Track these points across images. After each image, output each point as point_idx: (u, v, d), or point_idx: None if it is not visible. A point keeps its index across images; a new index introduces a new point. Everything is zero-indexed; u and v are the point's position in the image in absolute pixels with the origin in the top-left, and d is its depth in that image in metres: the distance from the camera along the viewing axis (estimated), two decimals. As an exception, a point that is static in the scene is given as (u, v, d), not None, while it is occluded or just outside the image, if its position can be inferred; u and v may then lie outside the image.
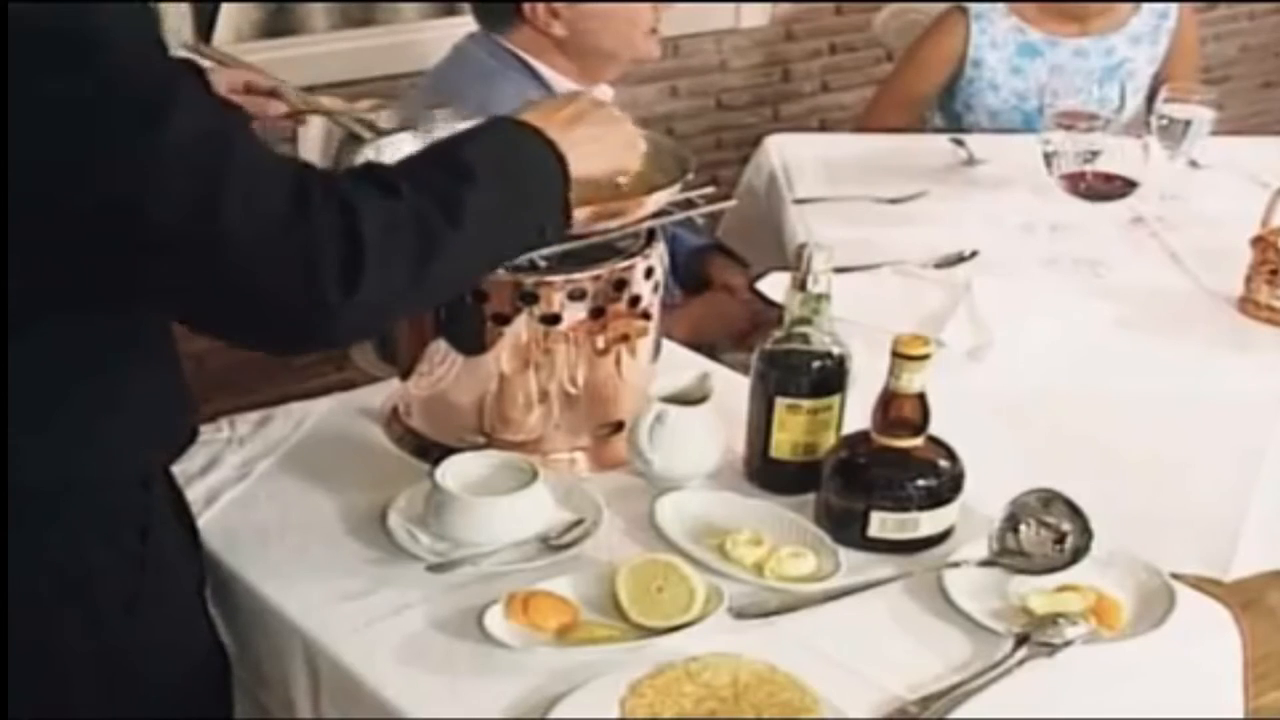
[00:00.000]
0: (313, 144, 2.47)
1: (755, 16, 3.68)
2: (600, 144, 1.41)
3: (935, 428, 1.50)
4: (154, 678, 1.33)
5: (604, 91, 2.44)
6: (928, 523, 1.50)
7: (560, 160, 1.33)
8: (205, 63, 1.65)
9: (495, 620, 1.35)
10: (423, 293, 1.28)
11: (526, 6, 2.29)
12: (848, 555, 1.48)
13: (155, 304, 1.22)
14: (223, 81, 1.62)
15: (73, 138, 1.09)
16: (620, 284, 1.58)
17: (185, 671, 1.39)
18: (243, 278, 1.15)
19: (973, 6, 2.93)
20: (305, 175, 1.19)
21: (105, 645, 1.29)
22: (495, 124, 1.37)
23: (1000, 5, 2.93)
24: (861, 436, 1.53)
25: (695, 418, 1.58)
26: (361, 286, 1.16)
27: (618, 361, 1.62)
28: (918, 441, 1.50)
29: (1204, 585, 1.56)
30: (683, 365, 1.72)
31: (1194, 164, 2.50)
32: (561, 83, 2.34)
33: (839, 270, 1.58)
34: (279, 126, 1.78)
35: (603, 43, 2.35)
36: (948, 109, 3.03)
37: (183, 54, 1.44)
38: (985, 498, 1.52)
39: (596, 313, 1.58)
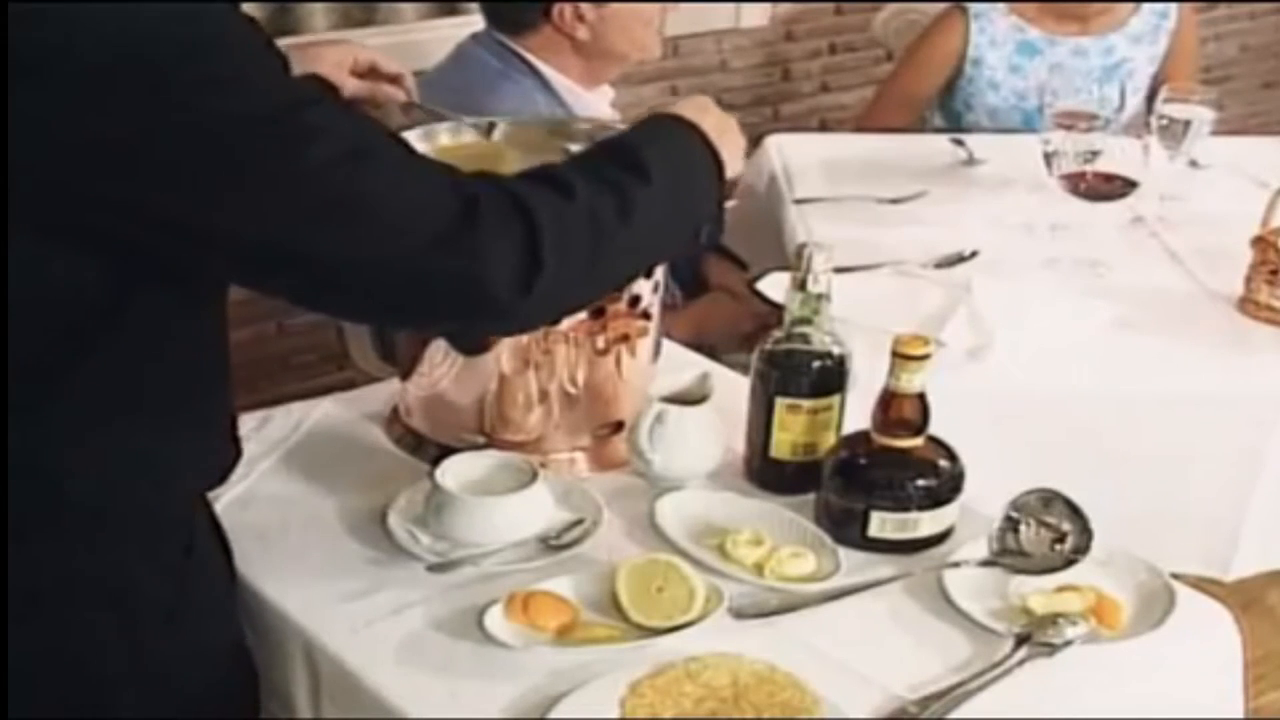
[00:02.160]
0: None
1: (755, 16, 3.68)
2: (735, 152, 1.42)
3: (935, 428, 1.50)
4: (189, 685, 1.34)
5: (606, 92, 2.44)
6: (928, 523, 1.50)
7: (720, 165, 1.36)
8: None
9: (495, 620, 1.35)
10: (593, 285, 1.32)
11: (555, 9, 2.29)
12: (848, 555, 1.48)
13: (323, 312, 1.23)
14: (348, 59, 1.61)
15: (213, 185, 1.10)
16: (620, 284, 1.58)
17: (218, 678, 1.40)
18: (412, 295, 1.18)
19: (972, 6, 2.94)
20: (468, 180, 1.20)
21: (144, 654, 1.29)
22: (667, 122, 1.37)
23: (1000, 4, 2.94)
24: (861, 436, 1.53)
25: (695, 418, 1.58)
26: (537, 286, 1.18)
27: (618, 361, 1.62)
28: (918, 441, 1.50)
29: (1204, 585, 1.56)
30: (683, 365, 1.71)
31: (1194, 164, 2.50)
32: (566, 84, 2.35)
33: (839, 270, 1.58)
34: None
35: (618, 44, 2.35)
36: (948, 108, 3.03)
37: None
38: (985, 498, 1.52)
39: (596, 313, 1.57)
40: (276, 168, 1.11)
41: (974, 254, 2.27)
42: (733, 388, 1.64)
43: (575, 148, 1.54)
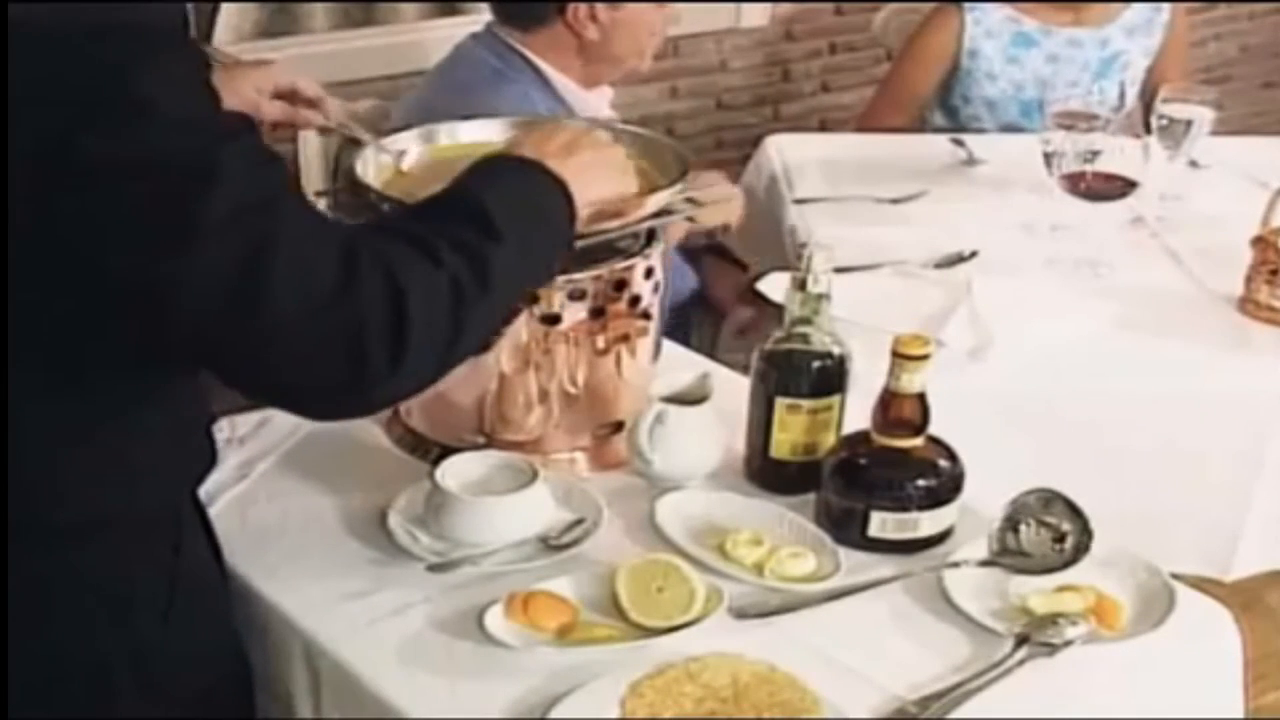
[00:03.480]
0: (314, 148, 2.46)
1: (755, 16, 3.68)
2: (596, 171, 1.41)
3: (935, 428, 1.50)
4: (186, 685, 1.34)
5: (605, 92, 2.44)
6: (928, 523, 1.50)
7: (568, 197, 1.34)
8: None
9: (495, 620, 1.36)
10: (456, 356, 1.29)
11: (570, 7, 2.30)
12: (848, 555, 1.48)
13: (194, 364, 1.22)
14: (268, 83, 1.61)
15: (111, 210, 1.09)
16: (620, 284, 1.58)
17: (214, 677, 1.40)
18: (289, 353, 1.16)
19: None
20: (351, 241, 1.19)
21: (141, 654, 1.30)
22: (508, 168, 1.35)
23: None
24: (861, 436, 1.53)
25: (695, 418, 1.58)
26: (405, 361, 1.17)
27: (618, 361, 1.62)
28: (918, 441, 1.50)
29: (1204, 585, 1.56)
30: (683, 365, 1.72)
31: (1194, 164, 2.51)
32: (566, 84, 2.35)
33: (839, 270, 1.58)
34: (279, 134, 1.74)
35: (621, 47, 2.36)
36: (946, 103, 3.03)
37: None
38: (985, 498, 1.52)
39: (596, 313, 1.58)
40: (173, 203, 1.09)
41: (974, 254, 2.27)
42: (733, 388, 1.64)
43: None
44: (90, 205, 1.09)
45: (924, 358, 1.47)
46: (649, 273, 1.61)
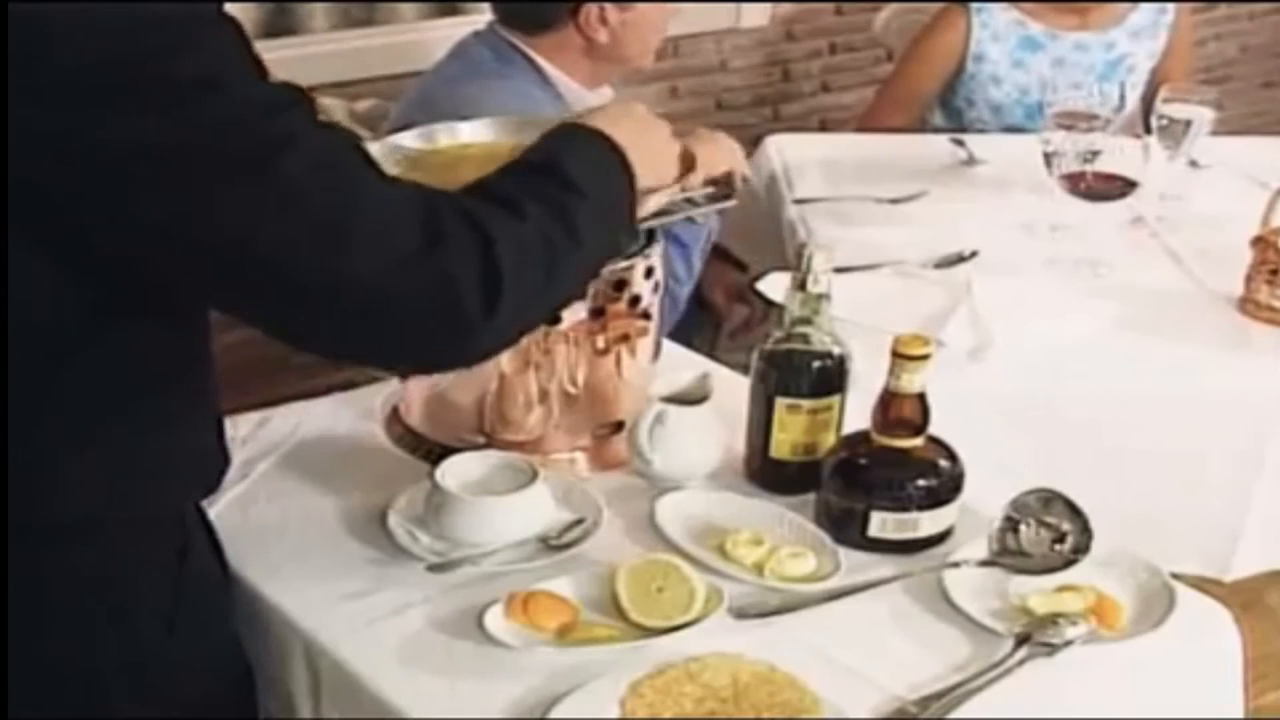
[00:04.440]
0: None
1: (755, 16, 3.68)
2: (653, 160, 1.42)
3: (935, 428, 1.50)
4: (188, 689, 1.34)
5: (604, 93, 2.44)
6: (928, 523, 1.50)
7: (630, 172, 1.35)
8: None
9: (495, 620, 1.36)
10: (548, 307, 1.31)
11: (582, 10, 2.29)
12: (848, 555, 1.48)
13: (279, 338, 1.22)
14: None
15: (181, 188, 1.08)
16: (620, 284, 1.58)
17: (216, 681, 1.39)
18: (380, 315, 1.16)
19: (972, 2, 2.94)
20: (432, 199, 1.19)
21: (143, 659, 1.30)
22: (578, 133, 1.36)
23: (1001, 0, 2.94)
24: (861, 436, 1.53)
25: (695, 418, 1.58)
26: (501, 309, 1.18)
27: (618, 361, 1.62)
28: (918, 441, 1.50)
29: (1204, 585, 1.56)
30: (683, 365, 1.72)
31: (1194, 164, 2.51)
32: (567, 84, 2.35)
33: (839, 270, 1.58)
34: None
35: (630, 48, 2.36)
36: (948, 105, 3.03)
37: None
38: (985, 498, 1.52)
39: (596, 313, 1.58)
40: (246, 175, 1.09)
41: (974, 254, 2.27)
42: (733, 388, 1.64)
43: None
44: (159, 191, 1.08)
45: (924, 358, 1.47)
46: (649, 272, 1.61)
